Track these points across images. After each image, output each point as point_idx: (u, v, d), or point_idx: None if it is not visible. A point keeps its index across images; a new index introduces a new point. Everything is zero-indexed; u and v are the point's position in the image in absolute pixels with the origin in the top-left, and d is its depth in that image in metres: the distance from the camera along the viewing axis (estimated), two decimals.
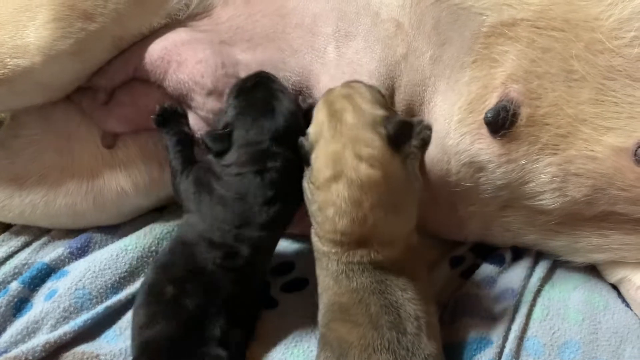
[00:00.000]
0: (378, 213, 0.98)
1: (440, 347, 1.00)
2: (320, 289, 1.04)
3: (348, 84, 1.10)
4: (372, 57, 1.19)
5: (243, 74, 1.23)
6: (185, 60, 1.25)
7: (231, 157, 1.12)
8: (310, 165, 1.04)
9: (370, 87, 1.10)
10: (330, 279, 1.02)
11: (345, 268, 1.00)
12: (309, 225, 1.08)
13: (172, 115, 1.20)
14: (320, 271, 1.05)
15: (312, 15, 1.24)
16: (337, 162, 0.99)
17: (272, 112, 1.13)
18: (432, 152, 1.17)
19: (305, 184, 1.06)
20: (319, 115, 1.06)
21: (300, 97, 1.24)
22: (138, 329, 1.06)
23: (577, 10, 1.06)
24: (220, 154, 1.13)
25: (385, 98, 1.14)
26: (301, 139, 1.07)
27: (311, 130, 1.07)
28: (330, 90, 1.10)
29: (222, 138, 1.12)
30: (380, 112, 1.04)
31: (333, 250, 1.01)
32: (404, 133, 1.04)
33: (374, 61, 1.19)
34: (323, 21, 1.23)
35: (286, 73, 1.24)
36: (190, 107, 1.28)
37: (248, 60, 1.26)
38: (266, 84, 1.18)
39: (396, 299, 0.98)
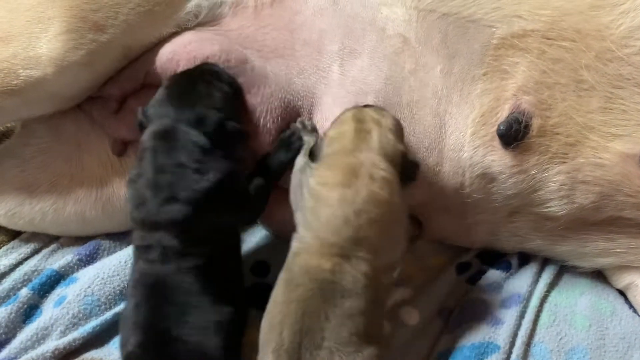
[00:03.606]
0: (372, 229, 0.95)
1: None
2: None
3: (379, 110, 1.09)
4: (378, 74, 1.16)
5: (250, 73, 1.20)
6: (195, 58, 1.22)
7: (143, 135, 1.09)
8: (316, 162, 1.03)
9: (396, 120, 1.09)
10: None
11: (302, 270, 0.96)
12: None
13: None
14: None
15: (319, 32, 1.21)
16: (351, 174, 0.97)
17: (184, 94, 1.11)
18: (448, 167, 1.15)
19: (309, 178, 1.02)
20: (345, 127, 1.04)
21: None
22: (121, 347, 1.03)
23: (589, 20, 1.05)
24: (140, 128, 1.11)
25: (404, 132, 1.12)
26: (318, 138, 1.06)
27: (332, 134, 1.05)
28: (361, 109, 1.08)
29: (141, 113, 1.12)
30: (400, 147, 1.04)
31: (307, 254, 0.96)
32: (412, 172, 1.07)
33: (380, 79, 1.16)
34: (329, 38, 1.20)
35: (288, 95, 1.21)
36: None
37: (257, 64, 1.22)
38: (204, 71, 1.16)
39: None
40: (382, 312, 0.98)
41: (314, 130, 1.17)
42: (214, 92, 1.13)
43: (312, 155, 1.06)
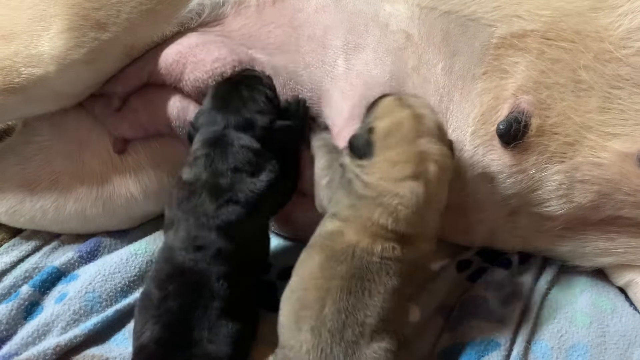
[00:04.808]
0: (434, 215, 0.98)
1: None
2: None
3: (417, 96, 1.10)
4: (382, 68, 1.16)
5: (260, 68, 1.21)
6: (202, 60, 1.22)
7: (193, 145, 1.11)
8: (372, 157, 1.00)
9: (428, 102, 1.10)
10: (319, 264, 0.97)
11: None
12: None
13: None
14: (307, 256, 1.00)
15: (323, 28, 1.20)
16: (419, 164, 0.97)
17: (229, 100, 1.11)
18: None
19: (352, 175, 1.01)
20: (397, 115, 1.02)
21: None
22: (134, 336, 1.03)
23: (588, 22, 1.05)
24: (189, 139, 1.12)
25: None
26: (361, 132, 1.04)
27: (381, 126, 1.02)
28: (400, 96, 1.08)
29: (192, 121, 1.13)
30: (445, 129, 1.06)
31: (355, 235, 0.97)
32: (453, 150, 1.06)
33: (385, 73, 1.15)
34: (333, 33, 1.20)
35: (297, 86, 1.21)
36: None
37: (264, 61, 1.22)
38: (245, 77, 1.17)
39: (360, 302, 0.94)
40: (409, 295, 1.00)
41: (326, 128, 1.17)
42: (257, 95, 1.14)
43: (357, 150, 1.03)
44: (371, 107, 1.07)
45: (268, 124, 1.11)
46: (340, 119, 1.15)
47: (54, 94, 1.23)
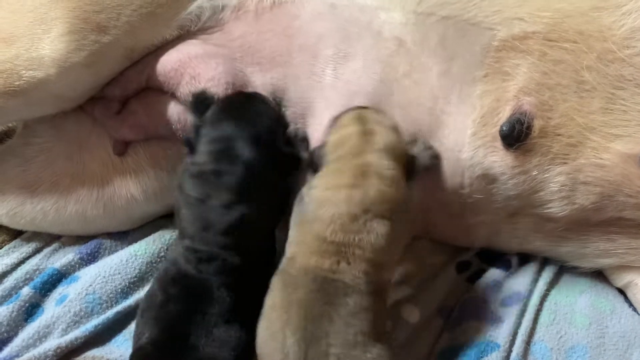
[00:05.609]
0: (378, 225, 0.93)
1: None
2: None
3: (376, 110, 1.08)
4: (371, 76, 1.14)
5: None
6: (199, 75, 1.21)
7: (198, 155, 1.08)
8: (318, 171, 1.00)
9: (393, 120, 1.08)
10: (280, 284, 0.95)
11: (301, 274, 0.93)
12: None
13: None
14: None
15: (317, 36, 1.19)
16: (358, 176, 0.96)
17: (240, 113, 1.09)
18: (446, 166, 1.13)
19: (305, 190, 1.00)
20: (349, 130, 1.02)
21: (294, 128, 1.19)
22: (135, 337, 1.02)
23: (591, 22, 1.04)
24: (191, 150, 1.09)
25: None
26: (315, 147, 1.04)
27: (334, 139, 1.03)
28: (359, 111, 1.07)
29: (191, 131, 1.10)
30: (403, 145, 1.03)
31: (304, 257, 0.93)
32: (413, 168, 1.04)
33: (373, 81, 1.14)
34: (325, 42, 1.18)
35: (284, 103, 1.20)
36: None
37: (257, 83, 1.22)
38: (249, 94, 1.15)
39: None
40: (384, 309, 0.96)
41: (304, 140, 1.16)
42: (271, 112, 1.13)
43: (313, 165, 1.04)
44: (335, 119, 1.07)
45: (272, 143, 1.09)
46: (321, 128, 1.14)
47: (55, 96, 1.22)
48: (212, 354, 0.97)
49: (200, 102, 1.17)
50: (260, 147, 1.07)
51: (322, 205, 0.95)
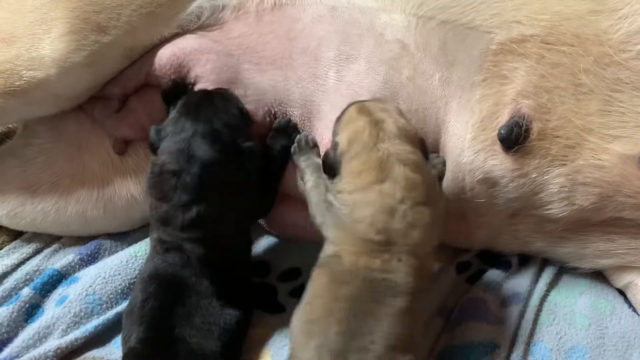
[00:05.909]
0: (417, 212, 0.93)
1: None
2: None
3: (377, 99, 1.07)
4: (375, 78, 1.14)
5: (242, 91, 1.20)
6: (191, 69, 1.21)
7: (160, 155, 1.07)
8: (339, 174, 0.98)
9: (395, 105, 1.07)
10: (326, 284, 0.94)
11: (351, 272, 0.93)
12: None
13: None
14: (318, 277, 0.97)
15: (318, 39, 1.19)
16: (382, 168, 0.94)
17: (198, 112, 1.09)
18: (447, 171, 1.12)
19: (331, 196, 0.99)
20: (357, 124, 1.00)
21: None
22: (123, 340, 1.03)
23: (588, 25, 1.04)
24: (153, 151, 1.09)
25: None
26: (327, 150, 1.03)
27: (343, 139, 1.00)
28: (360, 103, 1.04)
29: (155, 132, 1.10)
30: (412, 128, 1.02)
31: (352, 256, 0.93)
32: (425, 149, 1.03)
33: (377, 82, 1.14)
34: (326, 45, 1.18)
35: (288, 108, 1.20)
36: None
37: (251, 83, 1.21)
38: (209, 92, 1.15)
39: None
40: (423, 311, 0.97)
41: (315, 146, 1.15)
42: (231, 108, 1.12)
43: (329, 170, 1.02)
44: (338, 119, 1.05)
45: (232, 140, 1.08)
46: (328, 131, 1.12)
47: (55, 96, 1.22)
48: (198, 345, 0.98)
49: (172, 94, 1.17)
50: (218, 145, 1.06)
51: (356, 208, 0.94)
